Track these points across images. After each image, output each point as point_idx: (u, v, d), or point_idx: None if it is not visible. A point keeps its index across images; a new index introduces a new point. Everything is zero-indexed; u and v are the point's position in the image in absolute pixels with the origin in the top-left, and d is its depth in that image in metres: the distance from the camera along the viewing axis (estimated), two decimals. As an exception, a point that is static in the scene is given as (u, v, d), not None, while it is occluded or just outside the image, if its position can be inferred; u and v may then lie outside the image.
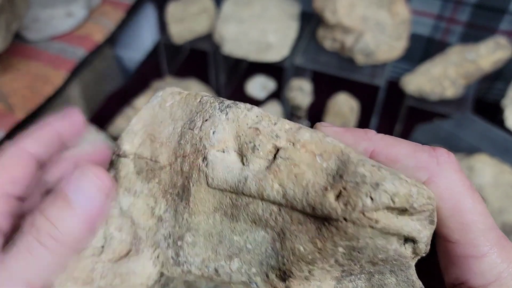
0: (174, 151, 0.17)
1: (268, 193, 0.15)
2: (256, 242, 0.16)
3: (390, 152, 0.16)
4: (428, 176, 0.15)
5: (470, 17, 0.66)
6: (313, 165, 0.14)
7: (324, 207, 0.13)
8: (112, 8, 0.79)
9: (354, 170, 0.13)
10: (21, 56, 0.69)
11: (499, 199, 0.50)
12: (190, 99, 0.17)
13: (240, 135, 0.15)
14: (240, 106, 0.16)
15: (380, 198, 0.13)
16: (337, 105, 0.63)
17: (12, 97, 0.63)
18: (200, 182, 0.16)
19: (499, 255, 0.15)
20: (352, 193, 0.13)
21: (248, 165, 0.15)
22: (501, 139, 0.53)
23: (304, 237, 0.14)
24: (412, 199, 0.13)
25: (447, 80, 0.61)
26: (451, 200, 0.15)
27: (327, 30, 0.65)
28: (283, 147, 0.15)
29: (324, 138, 0.15)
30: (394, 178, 0.13)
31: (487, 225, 0.15)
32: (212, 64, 0.74)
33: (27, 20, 0.70)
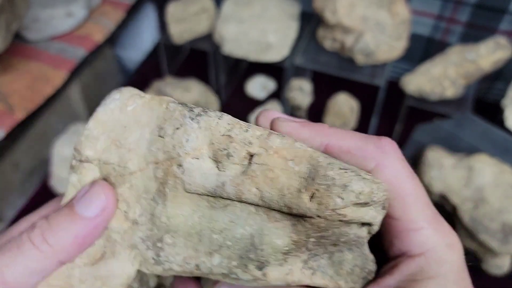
0: (145, 158, 0.17)
1: (246, 196, 0.16)
2: (235, 238, 0.17)
3: (342, 145, 0.18)
4: (375, 165, 0.18)
5: (470, 17, 0.66)
6: (286, 170, 0.16)
7: (300, 207, 0.15)
8: (112, 8, 0.79)
9: (325, 173, 0.15)
10: (21, 56, 0.69)
11: (499, 199, 0.50)
12: (154, 104, 0.17)
13: (213, 143, 0.16)
14: (211, 114, 0.17)
15: (348, 197, 0.15)
16: (337, 105, 0.63)
17: (12, 97, 0.63)
18: (177, 188, 0.17)
19: (433, 228, 0.17)
20: (325, 194, 0.15)
21: (225, 171, 0.16)
22: (501, 139, 0.52)
23: (280, 232, 0.16)
24: (373, 195, 0.16)
25: (447, 80, 0.61)
26: (394, 184, 0.17)
27: (327, 30, 0.65)
28: (256, 153, 0.16)
29: (293, 143, 0.16)
30: (359, 179, 0.15)
31: (424, 204, 0.18)
32: (212, 64, 0.74)
33: (27, 20, 0.70)
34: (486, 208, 0.50)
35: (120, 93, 0.18)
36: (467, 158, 0.53)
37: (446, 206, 0.55)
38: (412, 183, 0.18)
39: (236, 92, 0.80)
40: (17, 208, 0.64)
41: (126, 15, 0.80)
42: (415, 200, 0.18)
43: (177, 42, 0.72)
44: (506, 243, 0.49)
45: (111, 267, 0.17)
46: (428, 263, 0.17)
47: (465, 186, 0.52)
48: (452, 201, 0.52)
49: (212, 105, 0.70)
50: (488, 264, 0.53)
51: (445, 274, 0.17)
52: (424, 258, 0.17)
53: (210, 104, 0.70)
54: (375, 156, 0.18)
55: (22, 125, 0.62)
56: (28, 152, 0.66)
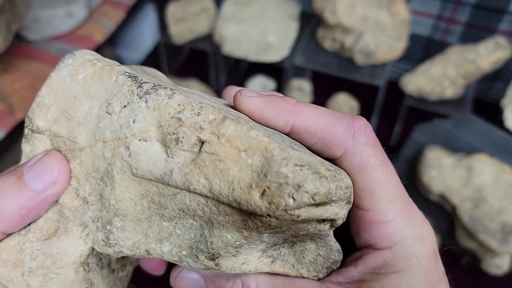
0: (93, 134, 0.16)
1: (195, 187, 0.15)
2: (185, 228, 0.16)
3: (309, 125, 0.16)
4: (343, 152, 0.16)
5: (470, 17, 0.66)
6: (238, 161, 0.14)
7: (249, 204, 0.14)
8: (112, 8, 0.79)
9: (278, 170, 0.14)
10: (22, 56, 0.69)
11: (499, 199, 0.50)
12: (104, 74, 0.16)
13: (162, 125, 0.15)
14: (160, 92, 0.15)
15: (302, 198, 0.13)
16: (337, 105, 0.63)
17: (12, 97, 0.63)
18: (124, 171, 0.16)
19: (403, 220, 0.16)
20: (276, 193, 0.13)
21: (173, 157, 0.15)
22: (500, 139, 0.52)
23: (231, 227, 0.15)
24: (331, 195, 0.14)
25: (446, 80, 0.61)
26: (363, 174, 0.16)
27: (327, 30, 0.65)
28: (207, 140, 0.14)
29: (248, 132, 0.14)
30: (314, 178, 0.14)
31: (395, 195, 0.17)
32: (212, 64, 0.74)
33: (27, 20, 0.70)
34: (486, 208, 0.50)
35: (73, 58, 0.17)
36: (466, 158, 0.53)
37: (445, 206, 0.55)
38: (382, 172, 0.16)
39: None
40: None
41: (126, 15, 0.80)
42: (385, 190, 0.16)
43: (177, 42, 0.72)
44: (506, 242, 0.49)
45: (62, 244, 0.17)
46: (394, 257, 0.16)
47: (464, 186, 0.52)
48: (451, 201, 0.52)
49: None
50: (487, 264, 0.53)
51: (411, 268, 0.16)
52: (390, 252, 0.16)
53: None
54: (343, 142, 0.16)
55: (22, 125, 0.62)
56: (29, 152, 0.66)
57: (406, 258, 0.16)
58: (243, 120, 0.15)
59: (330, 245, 0.17)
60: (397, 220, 0.16)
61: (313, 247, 0.17)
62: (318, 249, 0.17)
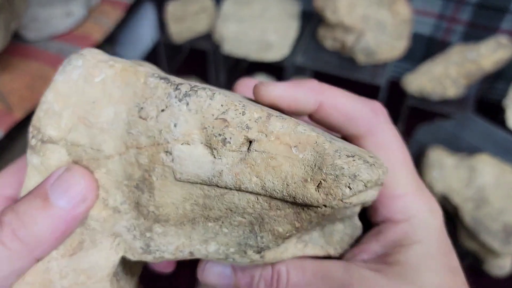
0: (123, 140, 0.15)
1: (246, 186, 0.15)
2: (232, 226, 0.16)
3: (338, 103, 0.17)
4: (367, 129, 0.18)
5: (472, 16, 0.66)
6: (289, 157, 0.14)
7: (305, 197, 0.14)
8: (111, 8, 0.79)
9: (332, 162, 0.14)
10: (20, 56, 0.69)
11: (501, 200, 0.50)
12: (128, 76, 0.15)
13: (206, 127, 0.14)
14: (201, 94, 0.15)
15: (357, 187, 0.14)
16: (337, 105, 0.63)
17: (11, 96, 0.63)
18: (166, 177, 0.15)
19: (417, 194, 0.18)
20: (333, 184, 0.14)
21: (221, 158, 0.15)
22: (502, 139, 0.52)
23: (282, 220, 0.15)
24: (379, 181, 0.15)
25: (448, 80, 0.61)
26: (384, 149, 0.18)
27: (328, 30, 0.65)
28: (256, 139, 0.14)
29: (296, 127, 0.15)
30: (367, 167, 0.14)
31: (410, 173, 0.18)
32: (212, 63, 0.74)
33: (26, 19, 0.70)
34: (488, 209, 0.50)
35: (83, 59, 0.16)
36: (468, 158, 0.53)
37: (447, 206, 0.54)
38: (400, 151, 0.18)
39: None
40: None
41: (126, 14, 0.80)
42: (402, 167, 0.18)
43: (176, 41, 0.72)
44: (508, 243, 0.49)
45: (93, 258, 0.16)
46: (413, 228, 0.17)
47: (466, 186, 0.52)
48: (453, 201, 0.52)
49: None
50: (489, 265, 0.53)
51: (429, 238, 0.17)
52: (408, 224, 0.17)
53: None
54: (369, 121, 0.17)
55: (21, 125, 0.62)
56: (27, 152, 0.66)
57: (423, 228, 0.17)
58: (287, 117, 0.15)
59: (355, 223, 0.18)
60: (412, 194, 0.18)
61: (341, 227, 0.18)
62: (345, 229, 0.18)
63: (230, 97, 0.15)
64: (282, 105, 0.17)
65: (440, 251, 0.17)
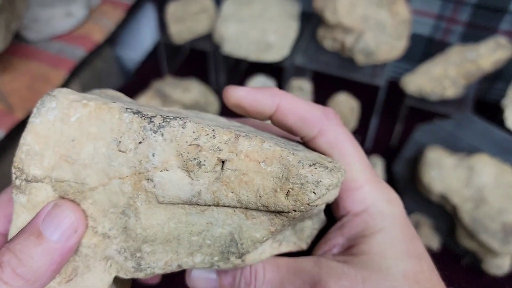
0: (105, 172, 0.16)
1: (224, 201, 0.16)
2: (214, 237, 0.17)
3: (292, 107, 0.19)
4: (319, 130, 0.19)
5: (471, 17, 0.66)
6: (259, 172, 0.16)
7: (277, 205, 0.16)
8: (112, 8, 0.79)
9: (297, 173, 0.16)
10: (21, 56, 0.69)
11: (500, 199, 0.50)
12: (103, 114, 0.16)
13: (182, 153, 0.16)
14: (174, 124, 0.16)
15: (321, 191, 0.16)
16: (337, 105, 0.63)
17: (12, 97, 0.63)
18: (150, 201, 0.16)
19: (373, 186, 0.19)
20: (300, 192, 0.16)
21: (198, 179, 0.16)
22: (501, 139, 0.53)
23: (259, 227, 0.17)
24: (339, 182, 0.17)
25: (447, 80, 0.61)
26: (337, 147, 0.19)
27: (327, 30, 0.65)
28: (228, 159, 0.16)
29: (262, 144, 0.16)
30: (327, 173, 0.16)
31: (363, 165, 0.19)
32: (212, 64, 0.74)
33: (26, 20, 0.70)
34: (487, 208, 0.50)
35: (56, 100, 0.17)
36: (467, 158, 0.53)
37: (446, 206, 0.55)
38: (352, 146, 0.19)
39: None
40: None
41: (126, 15, 0.80)
42: (355, 161, 0.19)
43: (177, 42, 0.72)
44: (507, 243, 0.49)
45: (89, 282, 0.17)
46: (372, 218, 0.18)
47: (465, 186, 0.52)
48: (452, 201, 0.52)
49: (212, 104, 0.70)
50: (488, 264, 0.53)
51: (389, 225, 0.18)
52: (367, 214, 0.19)
53: (210, 104, 0.70)
54: (320, 121, 0.19)
55: (22, 125, 0.62)
56: (28, 152, 0.66)
57: (382, 217, 0.18)
58: (253, 135, 0.17)
59: (322, 218, 0.20)
60: (368, 185, 0.19)
61: (310, 223, 0.20)
62: (313, 224, 0.20)
63: (201, 123, 0.16)
64: (245, 105, 0.19)
65: (403, 237, 0.18)
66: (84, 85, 0.75)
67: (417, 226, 0.59)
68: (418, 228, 0.59)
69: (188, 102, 0.68)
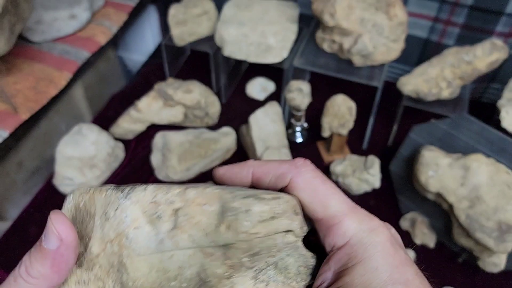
0: (102, 239, 0.20)
1: (182, 244, 0.19)
2: (188, 280, 0.20)
3: (263, 169, 0.22)
4: (291, 178, 0.21)
5: (467, 19, 0.67)
6: (203, 212, 0.19)
7: (222, 239, 0.19)
8: (115, 11, 0.80)
9: (231, 206, 0.19)
10: (25, 58, 0.70)
11: (495, 198, 0.51)
12: (97, 195, 0.21)
13: (145, 211, 0.20)
14: (138, 189, 0.20)
15: (254, 218, 0.18)
16: (335, 106, 0.64)
17: (16, 97, 0.64)
18: (131, 256, 0.20)
19: (351, 218, 0.20)
20: (235, 222, 0.18)
21: (160, 229, 0.19)
22: (497, 139, 0.53)
23: (216, 263, 0.19)
24: (274, 209, 0.19)
25: (444, 81, 0.62)
26: (308, 190, 0.20)
27: (326, 32, 0.66)
28: (179, 207, 0.19)
29: (204, 190, 0.19)
30: (258, 201, 0.18)
31: (340, 200, 0.20)
32: (213, 65, 0.75)
33: (30, 22, 0.71)
34: (482, 207, 0.51)
35: (73, 194, 0.22)
36: (463, 158, 0.53)
37: (442, 204, 0.55)
38: (324, 186, 0.21)
39: (237, 93, 0.81)
40: (21, 207, 0.64)
41: (129, 17, 0.81)
42: (330, 199, 0.20)
43: (178, 44, 0.73)
44: (502, 241, 0.49)
45: None
46: (352, 249, 0.19)
47: (461, 185, 0.52)
48: (448, 200, 0.53)
49: (212, 105, 0.71)
50: (484, 262, 0.53)
51: (371, 255, 0.19)
52: (349, 246, 0.19)
53: (211, 104, 0.71)
54: (290, 172, 0.21)
55: (26, 125, 0.63)
56: (32, 152, 0.67)
57: (363, 247, 0.19)
58: (199, 185, 0.20)
59: (304, 254, 0.21)
60: (347, 218, 0.20)
61: (292, 260, 0.21)
62: (297, 261, 0.21)
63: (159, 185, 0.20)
64: (226, 179, 0.22)
65: (386, 266, 0.18)
66: (87, 86, 0.76)
67: (414, 225, 0.60)
68: (414, 227, 0.59)
69: (189, 103, 0.69)
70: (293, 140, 0.72)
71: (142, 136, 0.72)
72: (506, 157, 0.53)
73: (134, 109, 0.69)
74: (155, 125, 0.72)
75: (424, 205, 0.60)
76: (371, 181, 0.60)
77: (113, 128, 0.70)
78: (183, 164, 0.64)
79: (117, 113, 0.75)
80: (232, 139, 0.68)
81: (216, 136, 0.68)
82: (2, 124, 0.60)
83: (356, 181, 0.61)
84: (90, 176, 0.63)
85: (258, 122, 0.66)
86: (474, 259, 0.55)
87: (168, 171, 0.64)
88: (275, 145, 0.64)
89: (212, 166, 0.68)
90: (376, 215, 0.21)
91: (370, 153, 0.67)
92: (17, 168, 0.65)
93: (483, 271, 0.54)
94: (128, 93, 0.81)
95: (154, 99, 0.69)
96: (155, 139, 0.69)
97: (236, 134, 0.70)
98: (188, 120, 0.71)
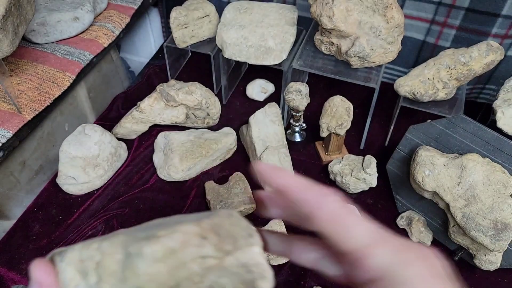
0: None
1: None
2: None
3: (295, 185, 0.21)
4: (317, 206, 0.20)
5: (463, 21, 0.67)
6: (114, 262, 0.20)
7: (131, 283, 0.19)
8: (117, 13, 0.81)
9: (128, 251, 0.19)
10: (29, 59, 0.71)
11: (491, 197, 0.51)
12: None
13: (78, 269, 0.21)
14: (69, 250, 0.21)
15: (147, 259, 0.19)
16: (333, 107, 0.65)
17: (19, 98, 0.64)
18: None
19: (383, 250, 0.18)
20: (132, 266, 0.19)
21: (90, 283, 0.20)
22: (492, 139, 0.53)
23: None
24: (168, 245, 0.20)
25: (440, 82, 0.62)
26: (331, 222, 0.19)
27: (324, 35, 0.66)
28: (99, 260, 0.20)
29: (115, 238, 0.20)
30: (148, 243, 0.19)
31: (370, 229, 0.19)
32: (214, 67, 0.76)
33: (34, 24, 0.72)
34: (478, 206, 0.51)
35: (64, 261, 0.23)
36: (459, 157, 0.53)
37: (439, 203, 0.55)
38: (350, 217, 0.19)
39: (237, 94, 0.82)
40: (24, 206, 0.65)
41: (131, 19, 0.82)
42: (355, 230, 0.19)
43: (180, 46, 0.74)
44: (498, 240, 0.49)
45: None
46: (390, 284, 0.18)
47: (457, 184, 0.52)
48: (444, 198, 0.53)
49: (213, 106, 0.72)
50: (480, 260, 0.54)
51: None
52: (384, 282, 0.18)
53: (212, 105, 0.71)
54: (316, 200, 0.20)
55: (30, 126, 0.63)
56: (36, 152, 0.68)
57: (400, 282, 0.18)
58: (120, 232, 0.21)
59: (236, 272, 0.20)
60: (377, 251, 0.19)
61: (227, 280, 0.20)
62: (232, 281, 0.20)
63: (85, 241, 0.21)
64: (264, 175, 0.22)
65: None
66: (90, 87, 0.77)
67: (410, 223, 0.60)
68: (411, 225, 0.60)
69: (191, 104, 0.69)
70: (292, 140, 0.73)
71: (144, 136, 0.73)
72: (502, 157, 0.53)
73: (136, 110, 0.70)
74: (157, 125, 0.73)
75: (421, 204, 0.60)
76: (369, 180, 0.61)
77: (116, 128, 0.71)
78: (185, 164, 0.65)
79: (120, 114, 0.76)
80: (233, 139, 0.69)
81: (217, 136, 0.68)
82: (6, 124, 0.60)
83: (354, 180, 0.62)
84: (93, 176, 0.64)
85: (258, 122, 0.67)
86: (470, 257, 0.55)
87: (170, 170, 0.65)
88: (274, 145, 0.65)
89: (213, 165, 0.69)
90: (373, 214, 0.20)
91: (368, 153, 0.68)
92: (20, 167, 0.65)
93: (479, 269, 0.55)
94: (131, 94, 0.82)
95: (156, 100, 0.70)
96: (157, 139, 0.70)
97: (236, 134, 0.71)
98: (190, 121, 0.72)
